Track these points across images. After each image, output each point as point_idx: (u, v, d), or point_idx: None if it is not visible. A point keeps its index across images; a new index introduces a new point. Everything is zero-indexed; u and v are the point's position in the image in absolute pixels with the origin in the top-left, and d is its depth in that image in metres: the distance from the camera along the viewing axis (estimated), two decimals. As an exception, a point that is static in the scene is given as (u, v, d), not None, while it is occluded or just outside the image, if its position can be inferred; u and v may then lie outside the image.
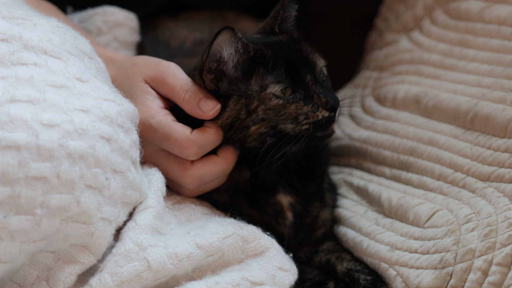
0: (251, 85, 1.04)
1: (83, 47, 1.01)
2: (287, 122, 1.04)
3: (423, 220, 1.05)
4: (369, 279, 1.07)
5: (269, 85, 1.04)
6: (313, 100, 1.05)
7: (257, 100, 1.03)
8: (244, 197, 1.11)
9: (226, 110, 1.04)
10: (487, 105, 1.07)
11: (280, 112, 1.04)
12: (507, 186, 1.00)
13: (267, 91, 1.04)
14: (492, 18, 1.17)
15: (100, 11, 1.32)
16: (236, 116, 1.04)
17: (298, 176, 1.12)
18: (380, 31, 1.45)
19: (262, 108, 1.03)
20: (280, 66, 1.05)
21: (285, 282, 0.99)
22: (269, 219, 1.11)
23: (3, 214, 0.84)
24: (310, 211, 1.15)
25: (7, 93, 0.86)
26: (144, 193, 0.97)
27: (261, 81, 1.04)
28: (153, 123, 1.03)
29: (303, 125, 1.04)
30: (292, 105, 1.04)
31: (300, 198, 1.13)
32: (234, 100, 1.04)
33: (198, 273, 0.96)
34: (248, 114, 1.04)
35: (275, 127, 1.04)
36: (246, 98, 1.04)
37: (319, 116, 1.05)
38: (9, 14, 0.96)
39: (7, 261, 0.86)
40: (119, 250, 0.91)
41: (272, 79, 1.04)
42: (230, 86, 1.04)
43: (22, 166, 0.84)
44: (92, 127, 0.89)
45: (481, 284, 0.93)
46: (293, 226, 1.13)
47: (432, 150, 1.12)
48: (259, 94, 1.04)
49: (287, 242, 1.09)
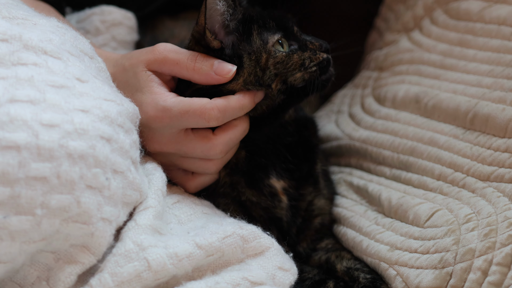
0: (254, 42, 1.07)
1: (83, 47, 1.01)
2: (296, 72, 1.08)
3: (423, 219, 1.05)
4: (368, 278, 1.07)
5: (268, 38, 1.07)
6: (308, 47, 1.10)
7: (265, 53, 1.07)
8: (242, 176, 1.12)
9: (244, 67, 1.06)
10: (487, 105, 1.07)
11: (288, 63, 1.07)
12: (507, 186, 1.00)
13: (269, 43, 1.07)
14: (492, 18, 1.17)
15: (97, 11, 1.32)
16: (254, 72, 1.06)
17: (291, 154, 1.14)
18: (380, 31, 1.45)
19: (271, 62, 1.07)
20: (270, 21, 1.09)
21: (285, 282, 0.99)
22: (267, 201, 1.12)
23: (3, 214, 0.84)
24: (304, 194, 1.16)
25: (7, 93, 0.86)
26: (144, 193, 0.97)
27: (260, 36, 1.07)
28: (166, 104, 1.02)
29: (311, 67, 1.09)
30: (294, 55, 1.08)
31: (293, 181, 1.14)
32: (246, 57, 1.06)
33: (198, 273, 0.96)
34: (262, 71, 1.06)
35: (285, 81, 1.08)
36: (254, 54, 1.07)
37: (320, 58, 1.10)
38: (9, 14, 0.96)
39: (7, 261, 0.86)
40: (119, 250, 0.91)
41: (269, 33, 1.08)
42: (237, 48, 1.06)
43: (22, 166, 0.84)
44: (92, 127, 0.89)
45: (481, 284, 0.93)
46: (290, 209, 1.14)
47: (432, 150, 1.12)
48: (264, 47, 1.07)
49: (286, 226, 1.09)
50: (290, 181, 1.14)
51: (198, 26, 1.07)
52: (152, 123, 1.03)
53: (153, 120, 1.03)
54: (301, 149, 1.16)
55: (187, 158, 1.07)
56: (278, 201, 1.13)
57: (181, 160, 1.08)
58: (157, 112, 1.02)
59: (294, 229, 1.15)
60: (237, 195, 1.12)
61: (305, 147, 1.17)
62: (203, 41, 1.06)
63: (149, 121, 1.03)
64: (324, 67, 1.10)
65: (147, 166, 1.04)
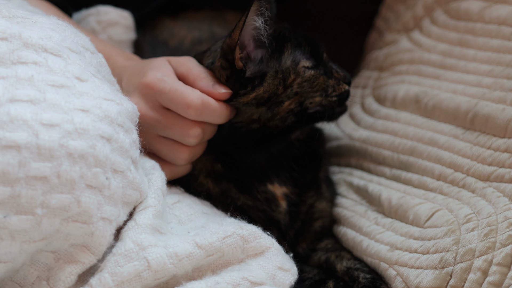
0: (284, 60, 1.07)
1: (84, 43, 1.00)
2: (316, 95, 1.08)
3: (423, 220, 1.05)
4: (368, 278, 1.07)
5: (300, 60, 1.07)
6: (333, 75, 1.11)
7: (294, 73, 1.06)
8: (230, 181, 1.12)
9: (263, 85, 1.06)
10: (487, 105, 1.08)
11: (314, 83, 1.07)
12: (507, 186, 1.00)
13: (300, 65, 1.07)
14: (492, 18, 1.17)
15: (93, 12, 1.32)
16: (274, 91, 1.06)
17: (297, 164, 1.14)
18: (380, 31, 1.45)
19: (298, 81, 1.06)
20: (305, 43, 1.09)
21: (285, 282, 0.99)
22: (263, 206, 1.12)
23: (3, 214, 0.84)
24: (305, 200, 1.16)
25: (7, 93, 0.86)
26: (144, 193, 0.97)
27: (292, 56, 1.07)
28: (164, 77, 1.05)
29: (333, 97, 1.09)
30: (321, 77, 1.08)
31: (296, 188, 1.14)
32: (271, 76, 1.06)
33: (198, 273, 0.96)
34: (284, 89, 1.06)
35: (302, 103, 1.07)
36: (282, 73, 1.06)
37: (342, 89, 1.10)
38: (8, 13, 0.96)
39: (7, 260, 0.86)
40: (119, 249, 0.91)
41: (301, 54, 1.08)
42: (264, 64, 1.06)
43: (23, 166, 0.84)
44: (93, 127, 0.89)
45: (481, 284, 0.93)
46: (288, 213, 1.14)
47: (432, 150, 1.12)
48: (294, 68, 1.06)
49: (284, 229, 1.09)
50: (293, 188, 1.14)
51: (230, 39, 1.05)
52: (144, 88, 1.05)
53: (146, 85, 1.05)
54: (307, 159, 1.16)
55: (162, 139, 1.08)
56: (275, 205, 1.13)
57: (156, 140, 1.08)
58: (153, 79, 1.04)
59: (292, 232, 1.15)
60: (231, 201, 1.12)
61: (311, 158, 1.17)
62: (230, 55, 1.06)
63: (143, 86, 1.05)
64: (343, 99, 1.11)
65: (147, 165, 1.04)
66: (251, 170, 1.12)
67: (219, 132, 1.09)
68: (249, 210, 1.11)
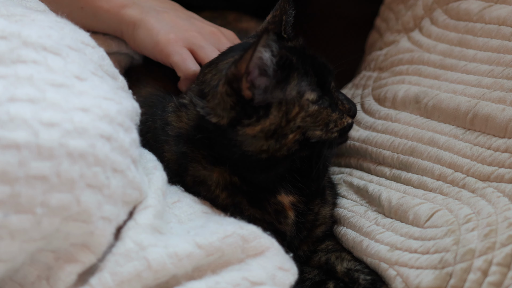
0: (289, 91, 1.03)
1: (83, 38, 1.00)
2: (317, 129, 1.05)
3: (423, 220, 1.05)
4: (368, 279, 1.07)
5: (305, 91, 1.04)
6: (338, 107, 1.08)
7: (298, 106, 1.03)
8: (244, 196, 1.10)
9: (269, 117, 1.02)
10: (487, 105, 1.08)
11: (317, 118, 1.04)
12: (507, 186, 1.00)
13: (304, 97, 1.03)
14: (492, 18, 1.17)
15: None
16: (279, 123, 1.03)
17: (301, 175, 1.11)
18: (380, 31, 1.45)
19: (302, 115, 1.03)
20: (311, 73, 1.05)
21: (285, 282, 0.99)
22: (271, 218, 1.10)
23: (3, 213, 0.84)
24: (312, 208, 1.15)
25: (7, 92, 0.86)
26: (145, 192, 0.97)
27: (297, 87, 1.03)
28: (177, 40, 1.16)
29: (333, 132, 1.06)
30: (324, 111, 1.05)
31: (303, 197, 1.12)
32: (276, 107, 1.02)
33: (198, 273, 0.96)
34: (287, 122, 1.03)
35: (304, 133, 1.04)
36: (286, 105, 1.02)
37: (345, 123, 1.08)
38: (7, 12, 0.97)
39: (7, 260, 0.86)
40: (119, 249, 0.91)
41: (307, 85, 1.04)
42: (269, 94, 1.02)
43: (22, 165, 0.84)
44: (92, 126, 0.89)
45: (481, 284, 0.93)
46: (295, 224, 1.12)
47: (432, 150, 1.12)
48: (298, 100, 1.03)
49: (288, 240, 1.08)
50: (300, 197, 1.12)
51: (236, 69, 1.01)
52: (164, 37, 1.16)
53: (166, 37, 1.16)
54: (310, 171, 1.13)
55: None
56: (284, 217, 1.11)
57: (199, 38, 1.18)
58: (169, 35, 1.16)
59: (297, 241, 1.14)
60: (239, 212, 1.09)
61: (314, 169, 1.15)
62: (235, 84, 1.02)
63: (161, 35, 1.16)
64: (345, 132, 1.09)
65: (148, 165, 1.04)
66: (263, 184, 1.10)
67: (231, 154, 1.06)
68: (254, 221, 1.07)
